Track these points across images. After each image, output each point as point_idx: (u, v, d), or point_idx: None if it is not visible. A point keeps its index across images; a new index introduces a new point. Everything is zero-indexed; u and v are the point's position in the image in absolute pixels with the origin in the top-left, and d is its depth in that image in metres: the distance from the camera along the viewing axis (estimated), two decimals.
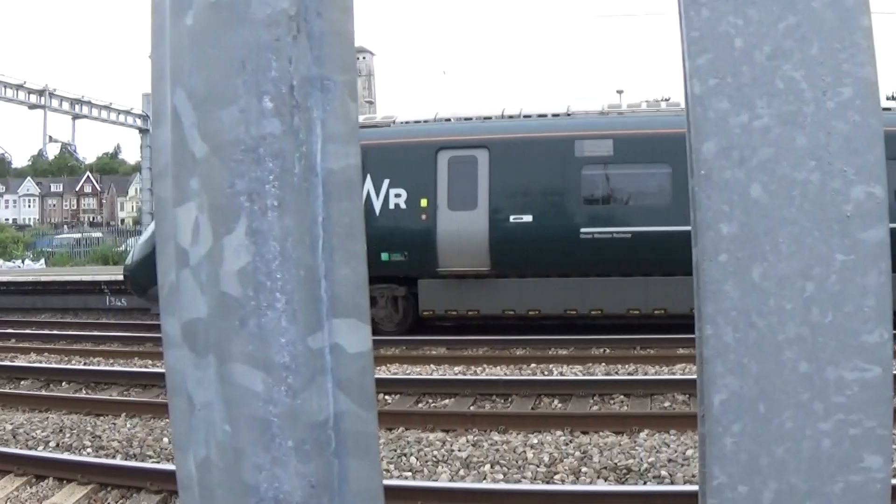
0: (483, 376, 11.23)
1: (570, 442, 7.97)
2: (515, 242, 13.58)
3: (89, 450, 8.60)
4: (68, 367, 12.81)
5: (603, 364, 11.72)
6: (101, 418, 9.78)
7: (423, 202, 14.05)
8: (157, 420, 9.57)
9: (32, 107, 35.02)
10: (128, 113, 38.68)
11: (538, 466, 7.34)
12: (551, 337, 13.76)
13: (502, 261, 13.89)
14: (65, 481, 7.42)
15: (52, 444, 8.84)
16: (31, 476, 7.55)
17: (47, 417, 9.84)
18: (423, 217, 14.07)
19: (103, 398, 10.75)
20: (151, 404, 10.18)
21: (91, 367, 12.68)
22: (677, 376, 10.50)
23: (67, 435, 9.14)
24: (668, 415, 8.79)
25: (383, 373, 11.61)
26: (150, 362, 13.07)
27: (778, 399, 1.10)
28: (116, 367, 12.62)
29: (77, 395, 11.13)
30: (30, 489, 7.40)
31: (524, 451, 7.76)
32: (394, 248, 13.98)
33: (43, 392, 11.36)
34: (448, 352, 13.33)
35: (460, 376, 11.19)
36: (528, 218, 13.70)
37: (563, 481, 6.93)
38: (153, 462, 7.96)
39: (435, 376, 11.11)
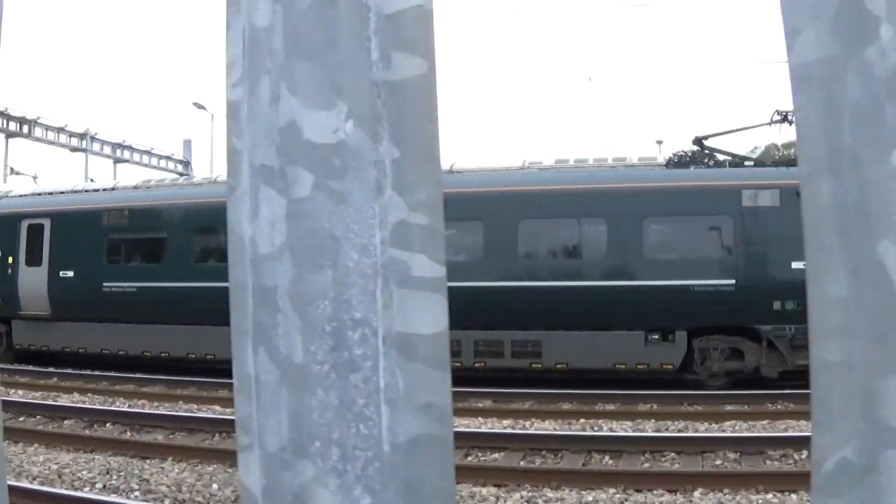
0: (532, 430, 10.95)
1: (626, 501, 7.75)
2: (64, 293, 17.38)
3: (137, 493, 8.32)
4: (112, 408, 12.49)
5: (652, 420, 11.48)
6: (148, 461, 9.48)
7: (10, 259, 18.27)
8: (205, 465, 9.27)
9: (74, 150, 35.12)
10: (168, 158, 38.72)
11: None
12: (597, 391, 13.51)
13: (57, 307, 17.59)
14: None
15: (98, 485, 8.55)
16: None
17: (93, 458, 9.54)
18: (10, 271, 18.22)
19: (149, 441, 10.44)
20: (199, 449, 9.90)
21: (136, 410, 12.36)
22: (727, 433, 10.29)
23: (115, 477, 8.87)
24: (722, 473, 8.59)
25: None
26: (195, 406, 12.72)
27: None
28: (161, 411, 12.28)
29: (122, 436, 10.81)
30: None
31: None
32: None
33: (87, 432, 11.03)
34: (494, 404, 13.05)
35: (509, 430, 10.90)
36: (70, 273, 17.42)
37: None
38: None
39: (483, 429, 10.80)
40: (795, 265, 12.83)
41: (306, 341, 1.05)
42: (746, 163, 15.06)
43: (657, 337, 14.06)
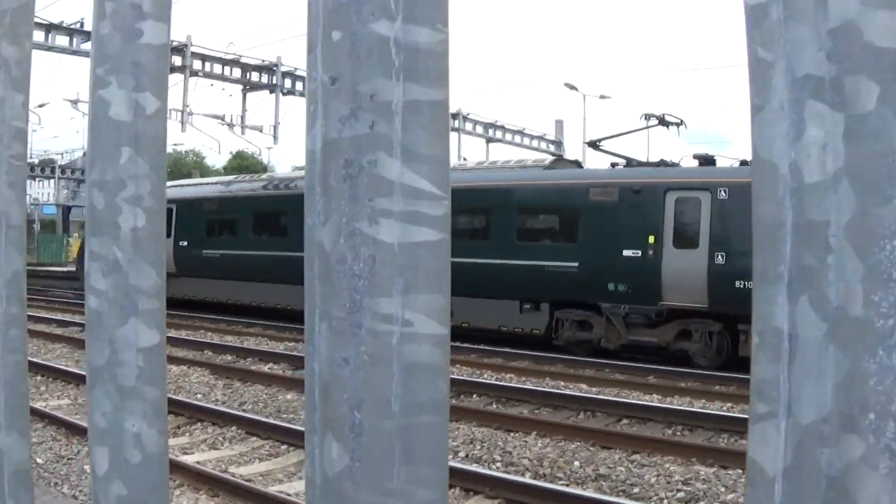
0: None
1: None
2: (182, 256, 23.02)
3: (499, 464, 8.47)
4: (479, 380, 12.93)
5: None
6: (512, 434, 9.65)
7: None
8: (568, 442, 9.27)
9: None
10: (541, 138, 39.87)
11: None
12: None
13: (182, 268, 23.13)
14: (471, 493, 7.31)
15: (461, 454, 8.80)
16: None
17: (458, 427, 9.87)
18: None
19: (514, 414, 10.67)
20: (563, 426, 9.93)
21: (502, 383, 12.69)
22: None
23: (478, 447, 9.06)
24: None
25: None
26: (561, 383, 12.89)
27: None
28: (528, 385, 12.57)
29: (487, 408, 11.16)
30: None
31: None
32: None
33: (454, 402, 11.54)
34: None
35: None
36: (185, 242, 23.24)
37: None
38: (562, 484, 7.70)
39: None
40: (626, 253, 15.34)
41: (868, 290, 0.84)
42: (619, 162, 17.83)
43: (529, 307, 16.72)
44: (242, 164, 68.76)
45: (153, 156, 0.79)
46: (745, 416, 10.00)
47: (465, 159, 29.49)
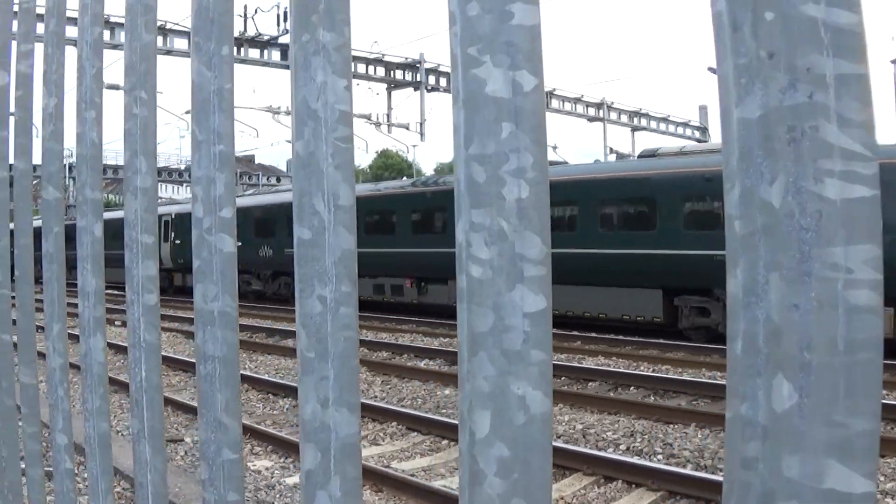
0: None
1: None
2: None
3: (660, 456, 8.35)
4: (636, 372, 12.76)
5: None
6: (672, 426, 9.48)
7: None
8: None
9: (591, 119, 36.81)
10: (686, 125, 39.41)
11: None
12: None
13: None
14: (634, 485, 7.26)
15: (622, 446, 8.70)
16: (599, 476, 7.54)
17: (618, 420, 9.79)
18: None
19: (673, 406, 10.49)
20: (721, 417, 9.73)
21: (660, 375, 12.49)
22: None
23: (638, 439, 8.95)
24: None
25: None
26: (717, 374, 12.59)
27: None
28: (685, 377, 12.36)
29: (646, 400, 11.01)
30: (597, 489, 7.33)
31: None
32: None
33: (612, 395, 11.46)
34: None
35: None
36: None
37: None
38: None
39: None
40: None
41: None
42: None
43: None
44: (388, 162, 69.66)
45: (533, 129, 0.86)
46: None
47: (610, 149, 29.11)
